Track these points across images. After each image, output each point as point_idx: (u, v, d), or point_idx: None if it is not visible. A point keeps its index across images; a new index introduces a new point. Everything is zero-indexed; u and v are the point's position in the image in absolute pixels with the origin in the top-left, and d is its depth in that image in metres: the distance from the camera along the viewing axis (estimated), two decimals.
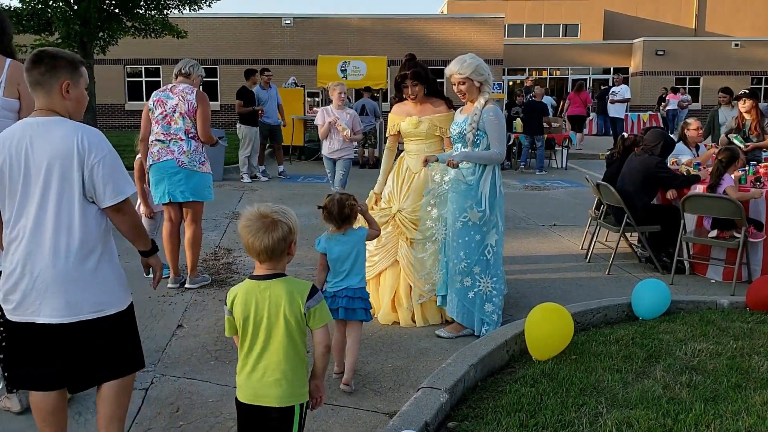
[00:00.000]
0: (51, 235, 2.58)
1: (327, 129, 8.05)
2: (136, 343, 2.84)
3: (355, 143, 9.12)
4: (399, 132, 5.12)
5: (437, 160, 4.68)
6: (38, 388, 2.71)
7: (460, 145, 4.67)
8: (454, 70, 4.59)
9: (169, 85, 5.57)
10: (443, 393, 3.39)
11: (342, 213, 3.79)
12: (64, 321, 2.61)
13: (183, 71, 5.58)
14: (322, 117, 8.18)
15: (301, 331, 2.42)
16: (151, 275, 2.97)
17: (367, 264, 4.36)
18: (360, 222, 4.12)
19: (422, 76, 4.96)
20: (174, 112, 5.41)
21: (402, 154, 5.20)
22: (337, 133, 8.02)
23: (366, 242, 4.00)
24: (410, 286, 4.86)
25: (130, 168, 5.67)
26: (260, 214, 2.40)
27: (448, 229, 4.72)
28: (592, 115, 23.07)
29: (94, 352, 2.70)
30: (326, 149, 8.26)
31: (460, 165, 4.56)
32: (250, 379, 2.41)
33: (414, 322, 4.85)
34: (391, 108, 5.30)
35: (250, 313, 2.40)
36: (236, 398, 2.47)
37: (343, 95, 8.16)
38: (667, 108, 20.55)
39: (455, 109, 4.95)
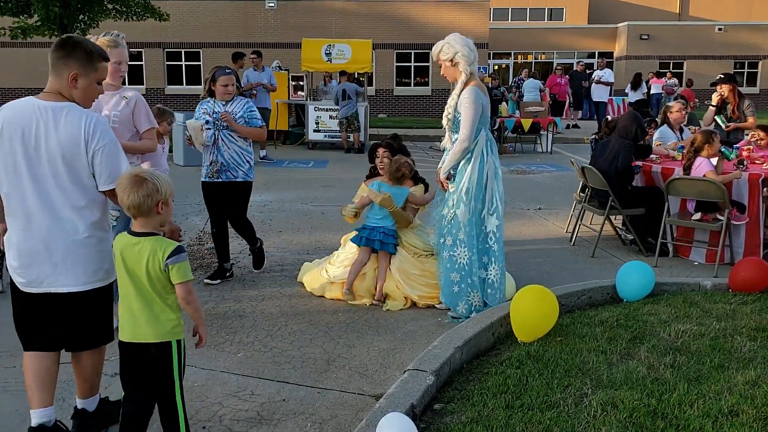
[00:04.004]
0: (67, 214, 2.78)
1: None
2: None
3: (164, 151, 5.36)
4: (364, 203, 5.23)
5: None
6: (40, 348, 2.88)
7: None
8: (432, 55, 4.67)
9: None
10: (429, 375, 3.40)
11: (395, 172, 4.99)
12: (82, 289, 2.84)
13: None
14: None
15: (164, 282, 2.65)
16: None
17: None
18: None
19: (394, 147, 5.36)
20: None
21: None
22: None
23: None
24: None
25: None
26: (131, 174, 2.65)
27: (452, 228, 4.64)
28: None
29: (94, 316, 2.93)
30: None
31: (449, 177, 4.61)
32: (131, 319, 2.67)
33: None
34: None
35: (125, 263, 2.66)
36: (119, 340, 2.73)
37: (118, 74, 4.27)
38: (651, 92, 20.39)
39: (423, 183, 5.31)
